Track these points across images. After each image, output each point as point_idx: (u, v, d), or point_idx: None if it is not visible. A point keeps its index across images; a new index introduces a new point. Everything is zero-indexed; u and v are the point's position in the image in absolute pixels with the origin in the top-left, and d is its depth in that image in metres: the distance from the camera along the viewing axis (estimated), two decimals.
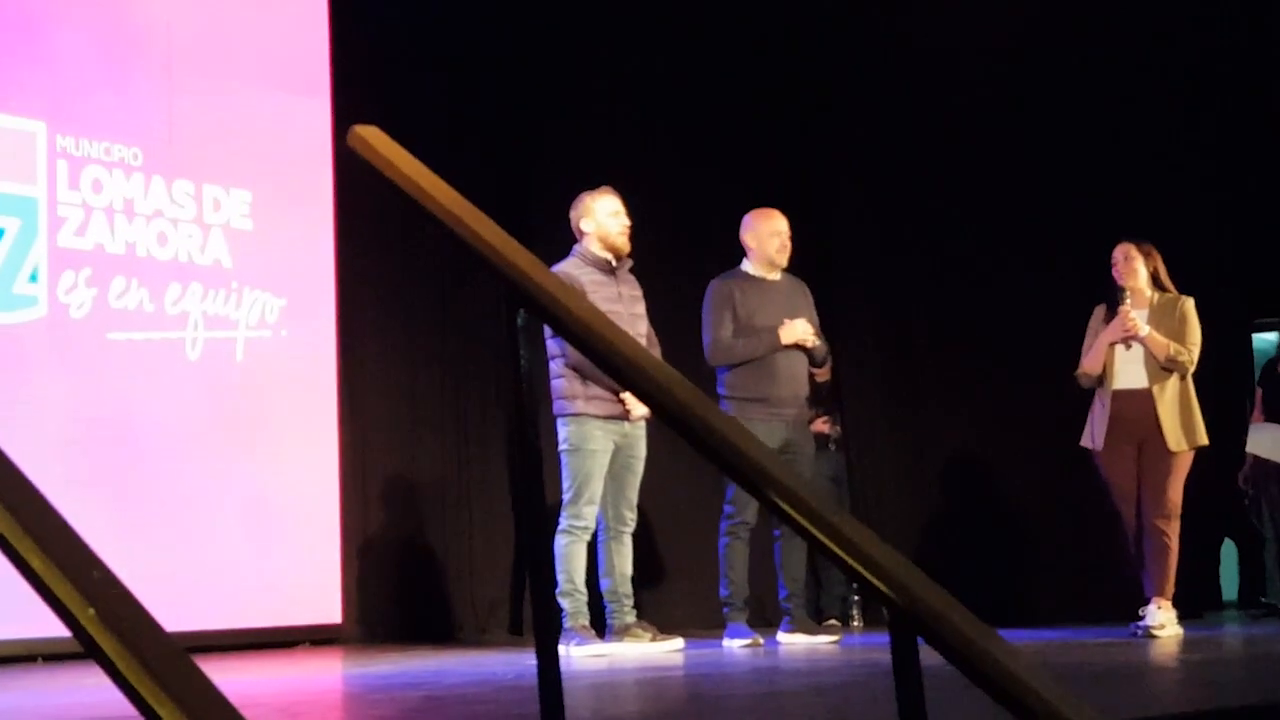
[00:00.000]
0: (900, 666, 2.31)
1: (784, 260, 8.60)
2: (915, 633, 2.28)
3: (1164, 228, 8.68)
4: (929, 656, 2.31)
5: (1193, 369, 8.23)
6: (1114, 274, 8.34)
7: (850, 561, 2.34)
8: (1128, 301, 8.21)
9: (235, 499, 9.04)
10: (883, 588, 2.29)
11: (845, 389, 10.87)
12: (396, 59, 10.08)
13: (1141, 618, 8.04)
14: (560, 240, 8.12)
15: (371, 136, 2.60)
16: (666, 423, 2.56)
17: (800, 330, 8.41)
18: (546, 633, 2.71)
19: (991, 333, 10.57)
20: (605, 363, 2.61)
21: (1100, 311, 8.42)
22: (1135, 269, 8.29)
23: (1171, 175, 10.53)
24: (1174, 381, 8.20)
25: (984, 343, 10.61)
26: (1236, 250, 10.63)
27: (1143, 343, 8.18)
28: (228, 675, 6.39)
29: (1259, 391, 10.17)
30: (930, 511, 10.76)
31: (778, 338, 8.36)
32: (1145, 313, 8.26)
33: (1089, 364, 8.32)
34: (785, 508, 2.42)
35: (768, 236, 8.56)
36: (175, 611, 8.27)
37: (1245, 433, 10.21)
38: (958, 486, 10.84)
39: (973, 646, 2.22)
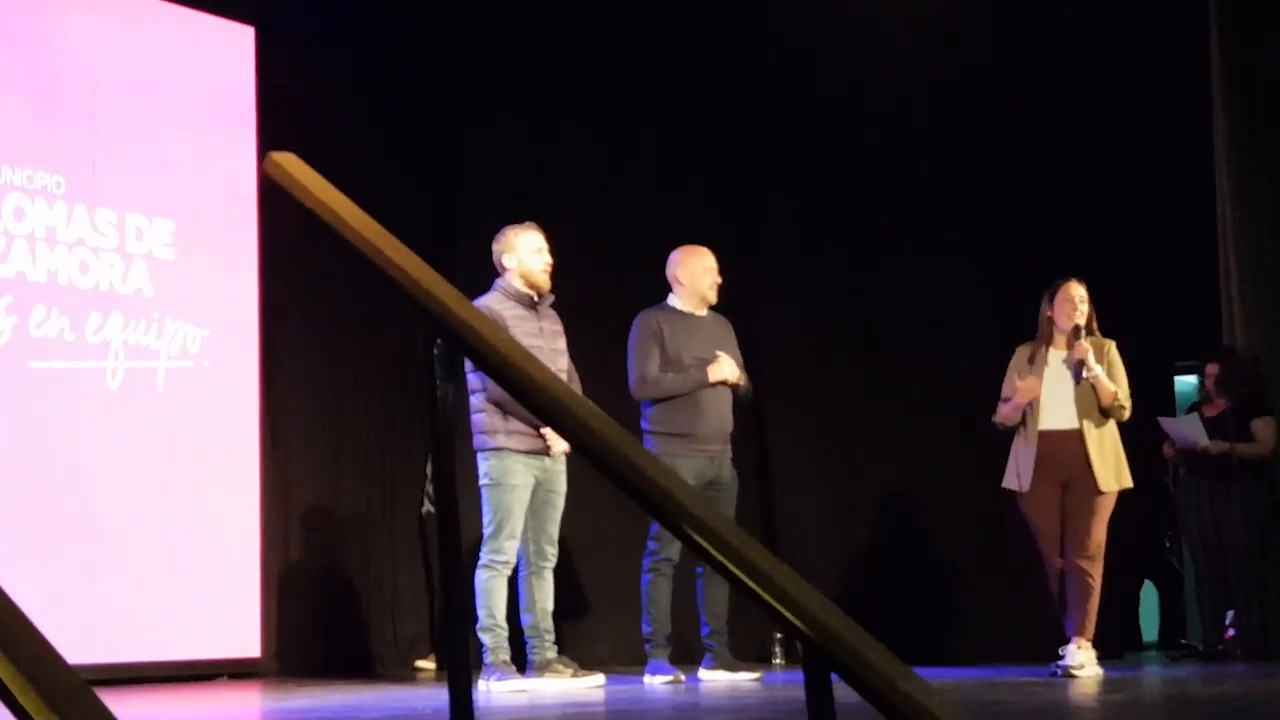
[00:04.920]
0: (814, 703, 2.29)
1: (715, 296, 8.62)
2: (829, 668, 2.26)
3: (1088, 270, 8.69)
4: (848, 695, 2.29)
5: (1128, 416, 8.25)
6: (1065, 312, 8.28)
7: (765, 597, 2.32)
8: (1082, 340, 8.19)
9: (155, 530, 8.95)
10: (797, 623, 2.27)
11: (771, 428, 10.86)
12: (323, 90, 10.05)
13: (1061, 657, 8.05)
14: (486, 274, 8.10)
15: (288, 163, 2.57)
16: (583, 456, 2.54)
17: (727, 368, 8.43)
18: (459, 666, 2.68)
19: (917, 373, 10.59)
20: (522, 395, 2.59)
21: (1022, 352, 8.42)
22: (1085, 310, 8.27)
23: (1096, 217, 10.60)
24: (1106, 421, 8.21)
25: (909, 383, 10.62)
26: (1159, 294, 10.70)
27: (1092, 382, 8.15)
28: (144, 708, 6.34)
29: None
30: (853, 550, 10.76)
31: (705, 374, 8.37)
32: (1064, 353, 8.28)
33: (1006, 416, 8.35)
34: (701, 542, 2.40)
35: (701, 273, 8.57)
36: (94, 643, 8.23)
37: (1165, 474, 10.27)
38: (881, 526, 10.85)
39: (887, 683, 2.20)
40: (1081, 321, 8.26)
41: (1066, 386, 8.24)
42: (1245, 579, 9.81)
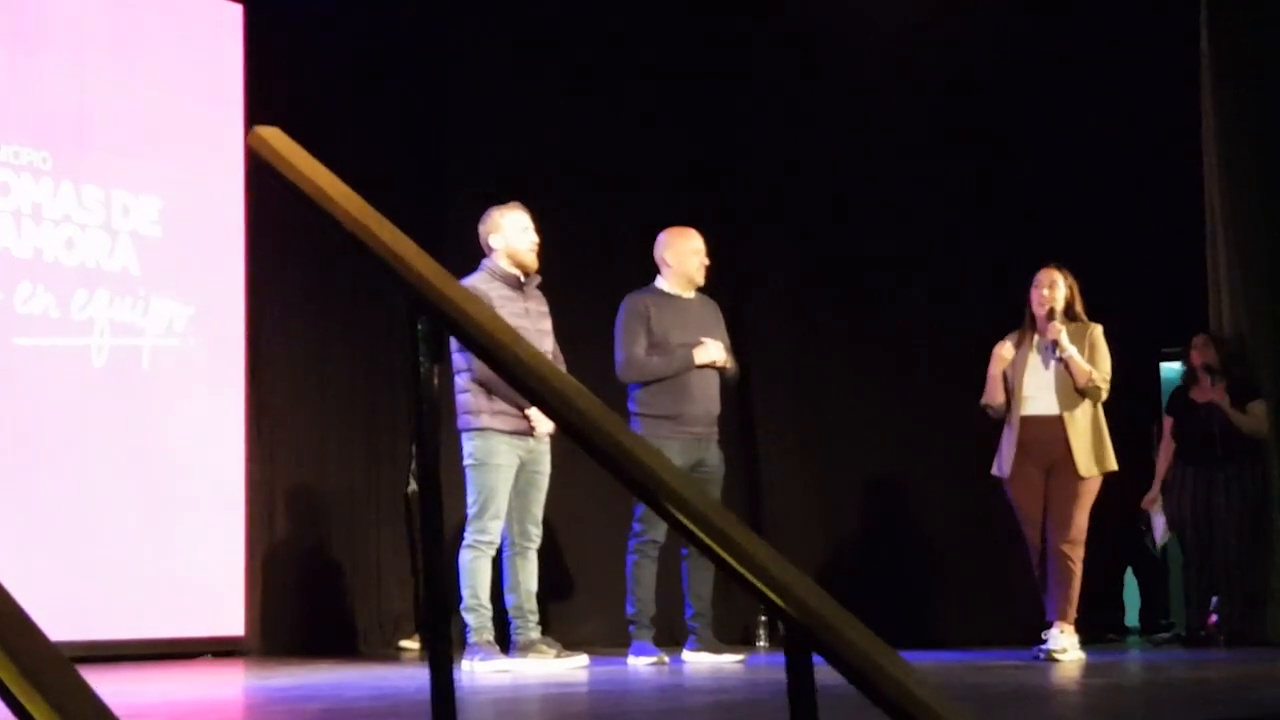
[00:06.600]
0: (794, 683, 2.29)
1: (702, 279, 8.61)
2: (811, 648, 2.26)
3: (1076, 256, 8.70)
4: (831, 678, 2.29)
5: (1105, 397, 8.26)
6: (1036, 297, 8.30)
7: (749, 576, 2.32)
8: (1056, 321, 8.20)
9: (139, 508, 8.94)
10: (779, 602, 2.27)
11: (757, 410, 10.86)
12: (311, 69, 10.02)
13: (1044, 641, 8.06)
14: (471, 254, 8.08)
15: (272, 137, 2.56)
16: (567, 433, 2.53)
17: (714, 351, 8.42)
18: (441, 646, 2.68)
19: (904, 356, 10.61)
20: (507, 372, 2.57)
21: (1007, 341, 8.41)
22: (1057, 295, 8.28)
23: (1084, 204, 10.61)
24: (1086, 406, 8.22)
25: (896, 366, 10.64)
26: (1145, 280, 10.70)
27: (1065, 363, 8.17)
28: (126, 685, 6.33)
29: (1167, 419, 10.21)
30: (838, 533, 10.76)
31: (691, 357, 8.36)
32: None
33: (990, 395, 8.35)
34: (685, 521, 2.39)
35: (689, 255, 8.56)
36: (77, 620, 8.22)
37: (1152, 455, 10.29)
38: (866, 508, 10.86)
39: (869, 662, 2.20)
40: (1059, 306, 8.26)
41: (1049, 373, 8.25)
42: (1231, 565, 9.82)
